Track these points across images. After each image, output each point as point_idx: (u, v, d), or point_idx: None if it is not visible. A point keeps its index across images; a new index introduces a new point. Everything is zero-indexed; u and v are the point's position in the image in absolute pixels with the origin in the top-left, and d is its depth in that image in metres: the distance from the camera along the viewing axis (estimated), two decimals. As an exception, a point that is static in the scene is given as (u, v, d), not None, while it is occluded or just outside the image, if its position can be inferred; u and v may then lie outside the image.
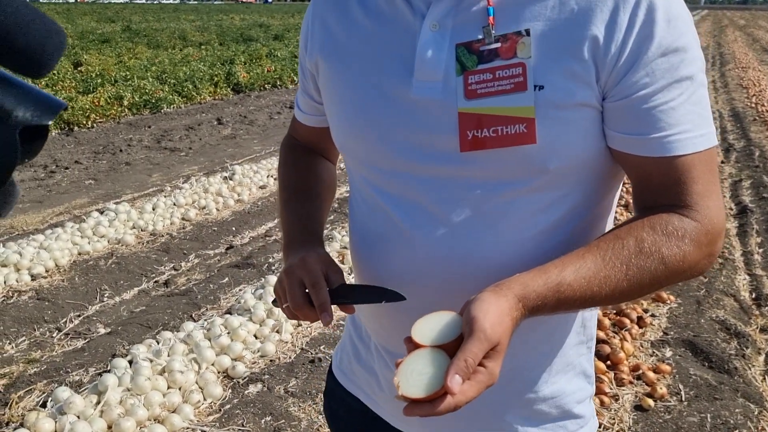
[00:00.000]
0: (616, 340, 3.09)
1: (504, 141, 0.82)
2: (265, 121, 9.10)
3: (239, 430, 2.59)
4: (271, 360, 3.08)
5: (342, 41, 0.96)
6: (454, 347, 0.73)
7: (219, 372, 2.94)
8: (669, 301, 3.60)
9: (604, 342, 3.03)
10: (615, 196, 0.96)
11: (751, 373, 2.96)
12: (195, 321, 3.40)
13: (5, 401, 2.73)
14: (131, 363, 2.88)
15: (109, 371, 2.81)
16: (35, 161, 6.45)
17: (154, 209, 5.03)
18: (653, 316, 3.45)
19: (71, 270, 4.04)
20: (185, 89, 10.23)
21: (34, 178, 6.01)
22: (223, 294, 3.77)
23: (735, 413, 2.65)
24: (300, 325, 3.36)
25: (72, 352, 3.15)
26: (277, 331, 3.26)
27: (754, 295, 3.79)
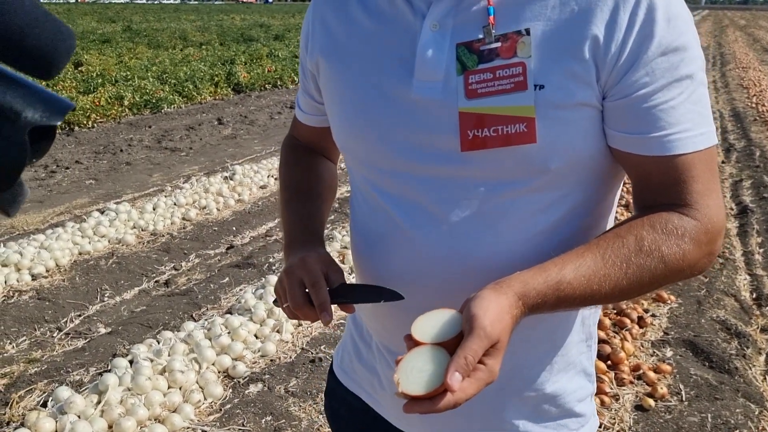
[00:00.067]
0: (616, 339, 3.09)
1: (504, 140, 0.82)
2: (266, 121, 9.10)
3: (240, 429, 2.59)
4: (272, 360, 3.08)
5: (342, 41, 0.96)
6: (454, 345, 0.73)
7: (219, 372, 2.94)
8: (669, 301, 3.59)
9: (604, 342, 3.02)
10: (615, 196, 0.96)
11: (752, 373, 2.96)
12: (195, 321, 3.41)
13: (6, 401, 2.73)
14: (132, 363, 2.88)
15: (110, 371, 2.81)
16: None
17: (154, 209, 5.03)
18: (654, 316, 3.45)
19: (72, 270, 4.04)
20: (186, 89, 10.24)
21: (34, 178, 6.01)
22: (224, 294, 3.77)
23: (735, 413, 2.64)
24: (300, 325, 3.36)
25: (72, 351, 3.15)
26: (278, 331, 3.26)
27: (754, 295, 3.79)
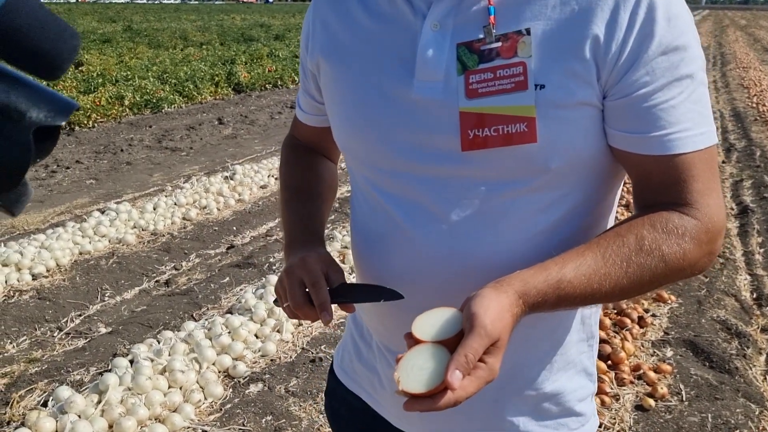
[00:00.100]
0: (616, 339, 3.09)
1: (505, 140, 0.82)
2: (266, 121, 9.10)
3: (240, 429, 2.59)
4: (272, 359, 3.08)
5: (343, 41, 0.96)
6: (454, 343, 0.73)
7: (220, 371, 2.94)
8: (670, 301, 3.59)
9: (604, 342, 3.02)
10: (616, 196, 0.96)
11: (752, 373, 2.96)
12: (196, 320, 3.41)
13: (6, 400, 2.73)
14: (132, 362, 2.88)
15: (110, 371, 2.81)
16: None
17: (155, 209, 5.04)
18: (654, 315, 3.45)
19: (72, 269, 4.04)
20: (186, 89, 10.24)
21: (35, 177, 6.02)
22: (224, 293, 3.77)
23: (736, 413, 2.64)
24: (301, 325, 3.36)
25: (73, 351, 3.15)
26: (278, 331, 3.26)
27: (755, 295, 3.79)
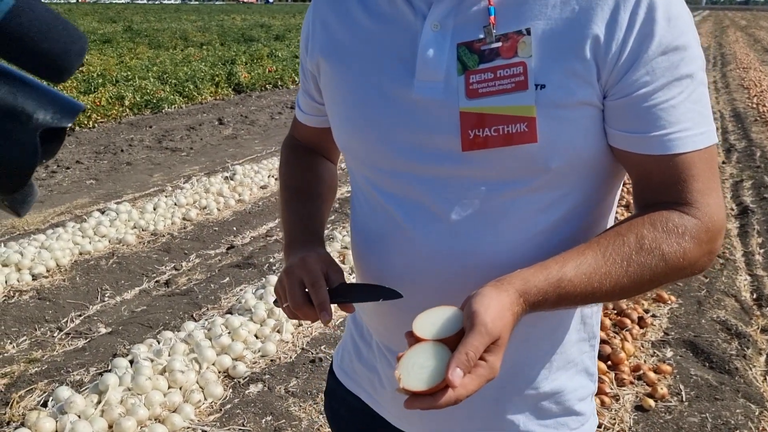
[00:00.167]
0: (616, 340, 3.09)
1: (505, 140, 0.82)
2: (266, 122, 9.11)
3: (240, 429, 2.59)
4: (272, 360, 3.08)
5: (343, 42, 0.96)
6: (455, 341, 0.73)
7: (220, 372, 2.94)
8: (670, 302, 3.59)
9: (604, 342, 3.02)
10: (615, 195, 0.96)
11: (752, 374, 2.96)
12: (196, 321, 3.41)
13: (6, 401, 2.73)
14: (132, 363, 2.88)
15: (110, 371, 2.81)
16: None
17: (155, 209, 5.04)
18: (654, 316, 3.45)
19: (72, 270, 4.04)
20: (186, 89, 10.24)
21: (35, 177, 5.99)
22: (224, 294, 3.77)
23: (736, 414, 2.64)
24: (301, 325, 3.36)
25: (73, 351, 3.15)
26: (278, 331, 3.26)
27: (755, 296, 3.79)
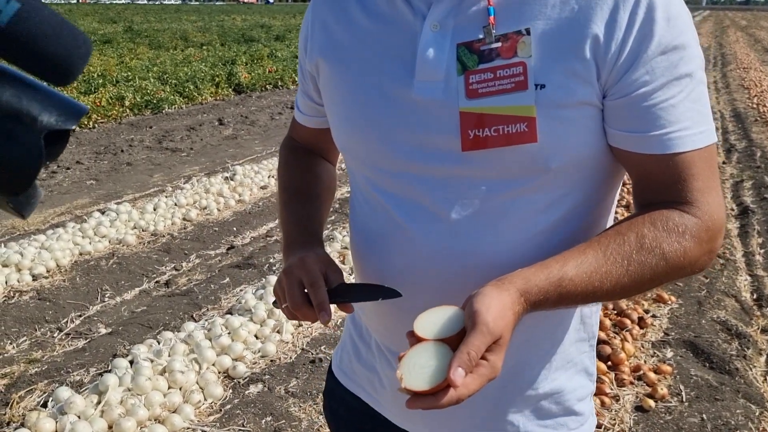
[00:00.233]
0: (616, 340, 3.09)
1: (505, 140, 0.82)
2: (267, 122, 9.11)
3: (240, 430, 2.59)
4: (272, 360, 3.08)
5: (342, 42, 0.96)
6: (456, 341, 0.73)
7: (220, 372, 2.94)
8: (670, 302, 3.59)
9: (605, 342, 3.02)
10: (615, 196, 0.97)
11: (752, 374, 2.96)
12: (196, 321, 3.41)
13: (6, 401, 2.73)
14: (132, 363, 2.88)
15: (110, 371, 2.81)
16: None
17: (155, 209, 5.03)
18: (654, 316, 3.44)
19: (72, 270, 4.04)
20: (186, 90, 10.24)
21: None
22: (224, 294, 3.77)
23: (736, 414, 2.64)
24: (301, 326, 3.36)
25: (73, 352, 3.15)
26: (278, 332, 3.26)
27: (755, 296, 3.79)
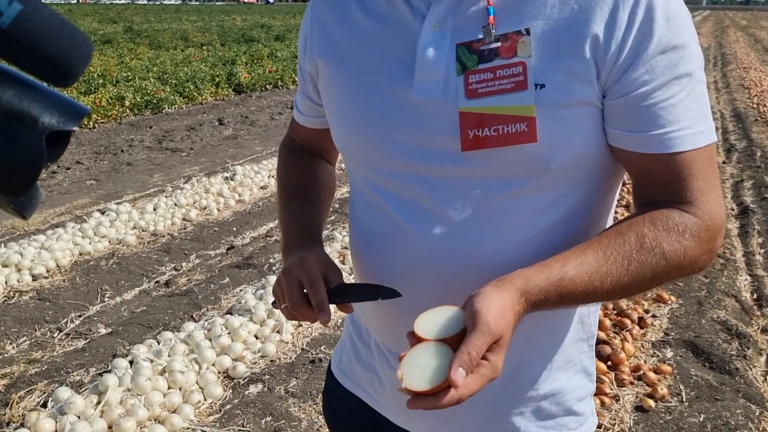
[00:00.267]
0: (616, 340, 3.09)
1: (505, 140, 0.82)
2: (267, 122, 9.10)
3: (239, 430, 2.59)
4: (272, 360, 3.08)
5: (341, 42, 0.96)
6: (457, 341, 0.73)
7: (219, 372, 2.94)
8: (670, 302, 3.59)
9: (605, 342, 3.02)
10: (615, 195, 0.97)
11: (752, 374, 2.96)
12: (196, 321, 3.40)
13: (6, 401, 2.73)
14: (132, 363, 2.88)
15: (110, 371, 2.81)
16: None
17: (155, 209, 5.03)
18: (654, 316, 3.44)
19: (72, 270, 4.04)
20: (187, 90, 10.24)
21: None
22: (224, 294, 3.77)
23: (736, 414, 2.64)
24: (300, 326, 3.36)
25: (73, 352, 3.15)
26: (278, 332, 3.26)
27: (755, 296, 3.79)
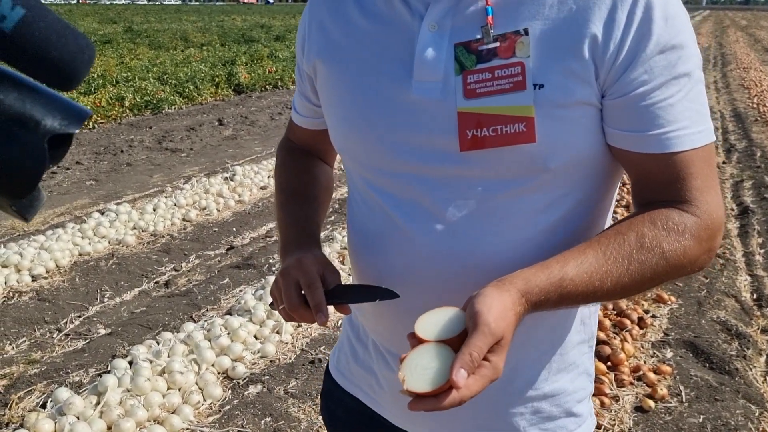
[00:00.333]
0: (616, 341, 3.08)
1: (503, 140, 0.82)
2: (266, 122, 9.10)
3: (239, 431, 2.59)
4: (271, 361, 3.08)
5: (339, 43, 0.96)
6: (458, 342, 0.73)
7: (219, 373, 2.93)
8: (670, 302, 3.59)
9: (604, 343, 3.02)
10: (614, 195, 0.97)
11: (752, 374, 2.96)
12: (195, 322, 3.40)
13: (5, 402, 2.73)
14: (131, 364, 2.87)
15: (109, 372, 2.80)
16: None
17: (154, 210, 5.03)
18: (654, 316, 3.44)
19: (72, 271, 4.04)
20: (186, 90, 10.23)
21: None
22: (224, 295, 3.77)
23: (736, 414, 2.64)
24: (300, 326, 3.36)
25: (72, 352, 3.15)
26: (278, 332, 3.26)
27: (755, 296, 3.78)
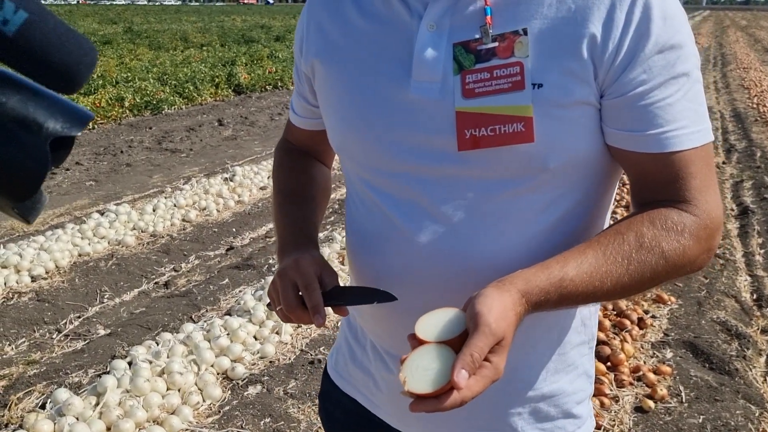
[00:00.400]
0: (616, 341, 3.08)
1: (502, 140, 0.82)
2: (266, 122, 9.10)
3: (238, 431, 2.59)
4: (271, 361, 3.07)
5: (338, 43, 0.96)
6: (458, 343, 0.73)
7: (218, 373, 2.93)
8: (670, 302, 3.59)
9: (604, 343, 3.02)
10: (613, 195, 0.97)
11: (752, 375, 2.95)
12: (195, 322, 3.40)
13: (4, 402, 2.73)
14: (130, 364, 2.87)
15: (109, 373, 2.80)
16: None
17: (154, 210, 5.03)
18: (654, 317, 3.44)
19: (71, 271, 4.03)
20: (186, 90, 10.24)
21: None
22: (223, 295, 3.77)
23: (736, 415, 2.64)
24: (299, 327, 3.36)
25: (71, 353, 3.15)
26: (277, 333, 3.26)
27: (755, 296, 3.78)
